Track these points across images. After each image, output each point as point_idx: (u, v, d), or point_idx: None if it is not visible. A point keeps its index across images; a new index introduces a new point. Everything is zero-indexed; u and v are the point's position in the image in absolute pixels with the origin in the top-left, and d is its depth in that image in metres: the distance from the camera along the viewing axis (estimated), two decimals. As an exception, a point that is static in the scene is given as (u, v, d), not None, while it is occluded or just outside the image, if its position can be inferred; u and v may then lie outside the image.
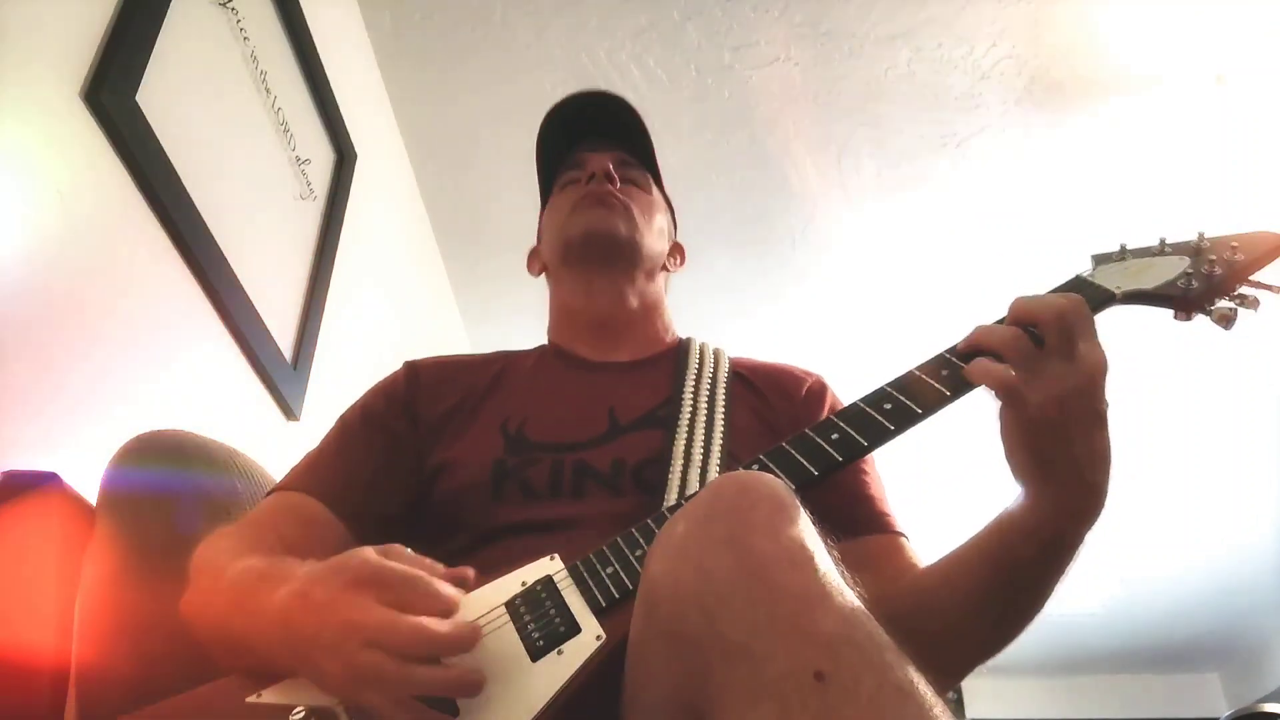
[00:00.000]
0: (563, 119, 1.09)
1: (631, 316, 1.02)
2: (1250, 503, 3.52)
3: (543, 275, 1.12)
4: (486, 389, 0.96)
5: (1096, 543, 0.68)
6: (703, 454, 0.84)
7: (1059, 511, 0.67)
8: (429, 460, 0.89)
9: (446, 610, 0.58)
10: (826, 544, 0.53)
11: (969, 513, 0.73)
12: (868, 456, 0.91)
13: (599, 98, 1.09)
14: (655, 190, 1.09)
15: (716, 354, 1.01)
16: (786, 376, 0.99)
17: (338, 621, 0.56)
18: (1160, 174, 2.26)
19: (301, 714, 0.56)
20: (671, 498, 0.79)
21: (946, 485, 3.09)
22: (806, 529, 0.53)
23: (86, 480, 0.84)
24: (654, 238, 1.04)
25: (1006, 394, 0.65)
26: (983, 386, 0.67)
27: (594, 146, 1.07)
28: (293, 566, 0.64)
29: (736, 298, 2.75)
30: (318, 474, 0.88)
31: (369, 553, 0.60)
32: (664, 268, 1.08)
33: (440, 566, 0.62)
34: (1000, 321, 0.72)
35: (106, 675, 0.73)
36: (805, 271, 2.68)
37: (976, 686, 4.91)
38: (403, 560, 0.61)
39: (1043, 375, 0.65)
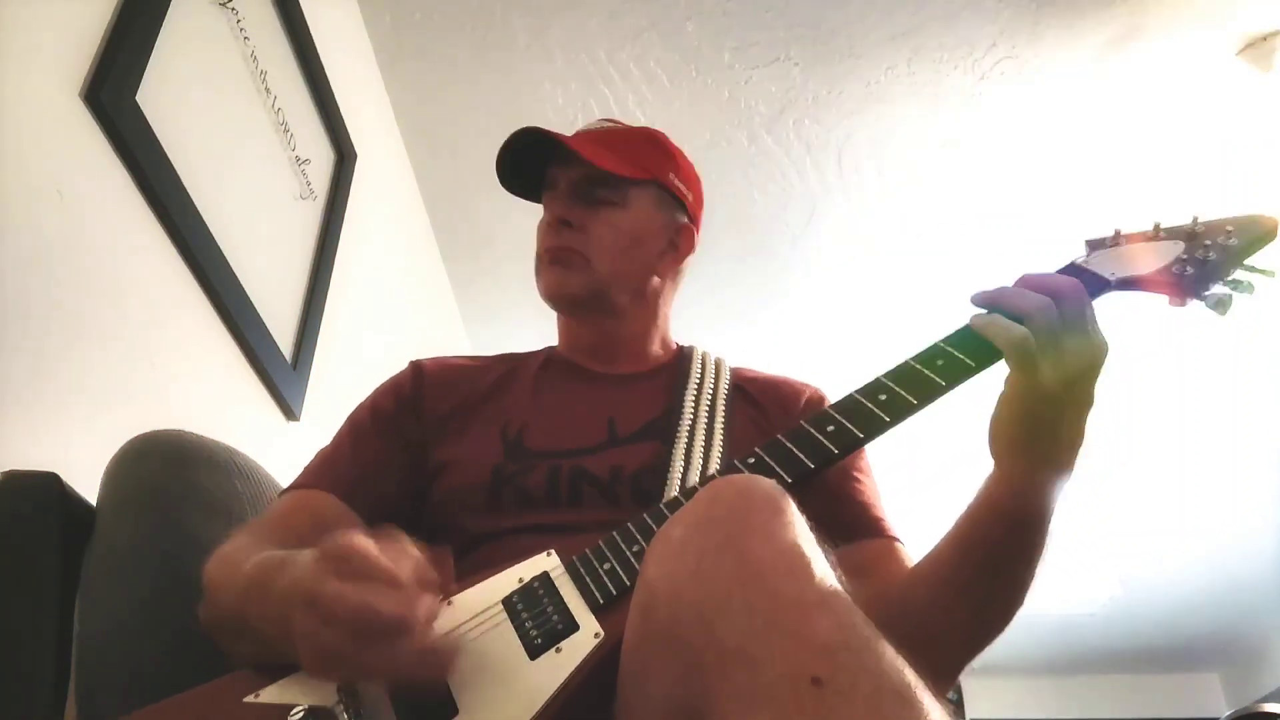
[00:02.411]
0: (519, 145, 0.98)
1: (624, 339, 1.01)
2: (1250, 502, 3.52)
3: None
4: (488, 392, 0.96)
5: (1096, 543, 0.68)
6: (701, 462, 0.84)
7: (1028, 489, 0.67)
8: (430, 458, 0.90)
9: (398, 587, 0.56)
10: (823, 548, 0.53)
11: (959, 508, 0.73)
12: (864, 463, 0.92)
13: (541, 132, 0.96)
14: (635, 191, 0.97)
15: (718, 364, 1.00)
16: (785, 388, 0.98)
17: (302, 596, 0.56)
18: (1161, 172, 2.26)
19: (300, 714, 0.57)
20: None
21: (941, 482, 3.10)
22: (803, 533, 0.53)
23: (86, 480, 0.84)
24: (625, 262, 0.96)
25: (1022, 357, 0.64)
26: (998, 346, 0.66)
27: (562, 158, 0.96)
28: (305, 554, 0.64)
29: (736, 298, 2.75)
30: (332, 470, 0.89)
31: (350, 533, 0.59)
32: (658, 274, 1.00)
33: (418, 554, 0.60)
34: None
35: (106, 675, 0.73)
36: (805, 271, 2.68)
37: (976, 686, 4.91)
38: (389, 544, 0.59)
39: (1062, 348, 0.65)
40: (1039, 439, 0.66)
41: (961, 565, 0.70)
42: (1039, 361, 0.64)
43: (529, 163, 0.99)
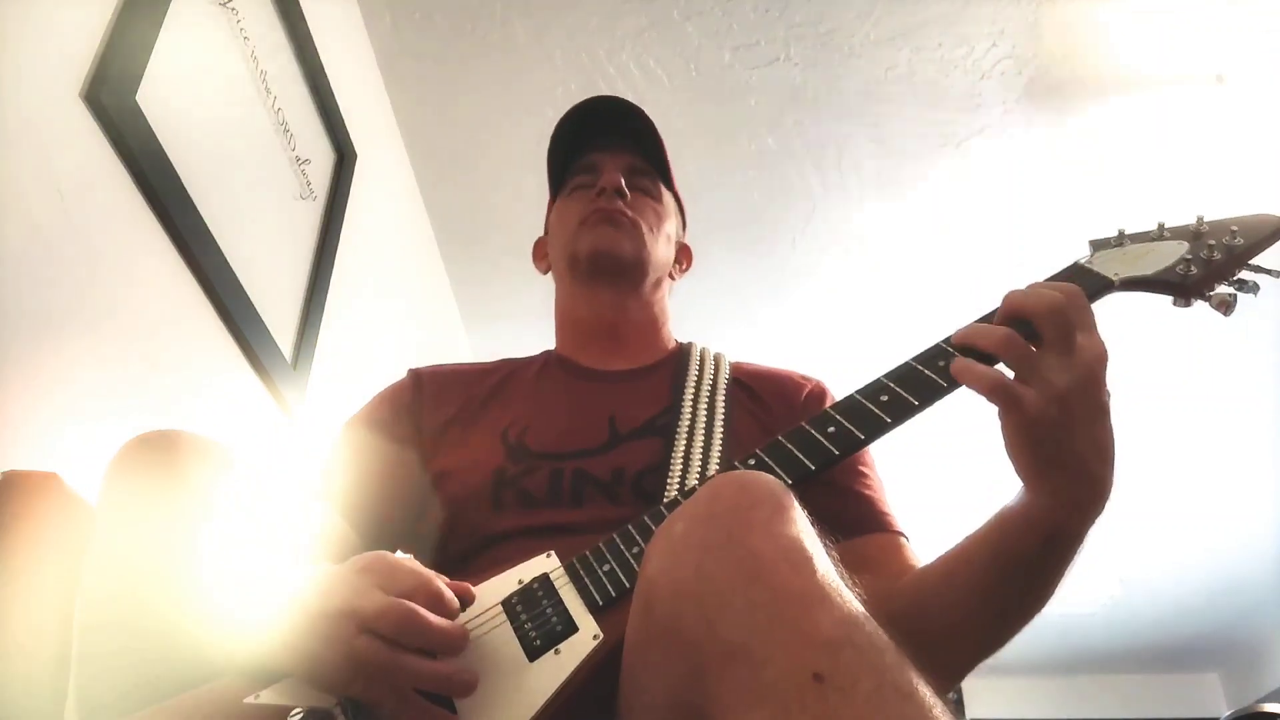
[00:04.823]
0: (576, 119, 1.08)
1: (635, 326, 1.02)
2: (1250, 502, 3.52)
3: (548, 274, 1.12)
4: (487, 396, 0.96)
5: (1096, 542, 0.68)
6: (701, 461, 0.84)
7: (1061, 504, 0.65)
8: (430, 467, 0.90)
9: (446, 611, 0.59)
10: (825, 544, 0.53)
11: (971, 507, 0.72)
12: (868, 456, 0.92)
13: (615, 102, 1.08)
14: (666, 194, 1.08)
15: (717, 359, 1.01)
16: (787, 382, 0.98)
17: (336, 607, 0.57)
18: (1160, 174, 2.26)
19: (300, 715, 0.56)
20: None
21: (947, 479, 3.09)
22: (805, 529, 0.53)
23: (86, 480, 0.84)
24: (661, 249, 1.04)
25: (998, 397, 0.64)
26: (977, 392, 0.65)
27: (607, 146, 1.06)
28: (288, 569, 0.65)
29: (737, 298, 2.75)
30: (326, 484, 0.89)
31: (382, 551, 0.62)
32: (670, 275, 1.08)
33: (444, 578, 0.63)
34: (991, 316, 0.70)
35: (107, 675, 0.73)
36: (805, 272, 2.67)
37: (976, 686, 4.91)
38: (427, 583, 0.61)
39: (1040, 373, 0.63)
40: (1055, 461, 0.64)
41: (989, 573, 0.68)
42: (1019, 394, 0.63)
43: (575, 136, 1.07)
